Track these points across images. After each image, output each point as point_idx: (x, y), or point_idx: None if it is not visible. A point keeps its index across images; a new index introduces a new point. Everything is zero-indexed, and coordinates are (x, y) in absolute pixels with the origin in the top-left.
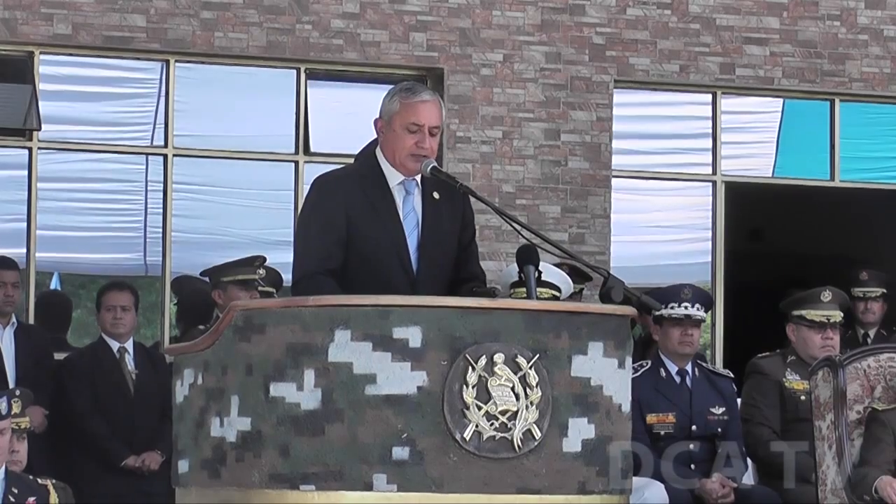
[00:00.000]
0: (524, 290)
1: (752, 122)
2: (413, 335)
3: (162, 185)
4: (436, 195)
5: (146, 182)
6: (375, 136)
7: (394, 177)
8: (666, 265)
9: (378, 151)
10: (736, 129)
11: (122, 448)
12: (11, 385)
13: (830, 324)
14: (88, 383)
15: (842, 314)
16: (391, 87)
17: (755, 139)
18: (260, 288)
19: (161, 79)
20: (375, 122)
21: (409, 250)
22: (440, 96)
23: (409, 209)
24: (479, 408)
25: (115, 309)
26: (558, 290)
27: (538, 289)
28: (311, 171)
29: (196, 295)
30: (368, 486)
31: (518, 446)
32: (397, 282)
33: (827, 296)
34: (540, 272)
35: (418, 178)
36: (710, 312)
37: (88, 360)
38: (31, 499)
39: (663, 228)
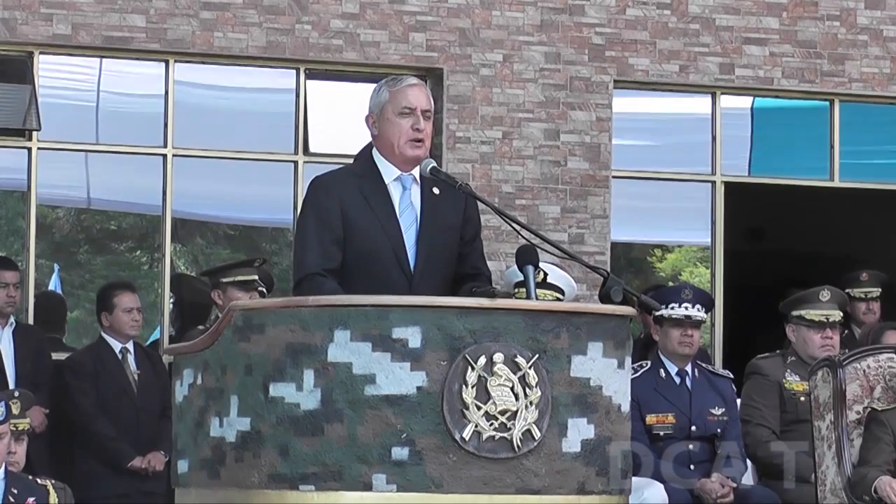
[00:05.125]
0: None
1: (751, 122)
2: (412, 335)
3: (161, 185)
4: (435, 190)
5: (145, 182)
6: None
7: (390, 173)
8: (665, 265)
9: (374, 150)
10: (735, 130)
11: (128, 449)
12: (11, 385)
13: (830, 323)
14: (93, 383)
15: (841, 314)
16: None
17: (754, 139)
18: (258, 288)
19: (161, 79)
20: (366, 118)
21: (407, 246)
22: (440, 96)
23: (407, 204)
24: (479, 408)
25: (133, 311)
26: (562, 292)
27: (541, 290)
28: (311, 172)
29: (194, 295)
30: (368, 487)
31: (517, 446)
32: (394, 278)
33: (826, 295)
34: (546, 274)
35: (416, 172)
36: (709, 313)
37: (91, 360)
38: (31, 499)
39: (663, 228)
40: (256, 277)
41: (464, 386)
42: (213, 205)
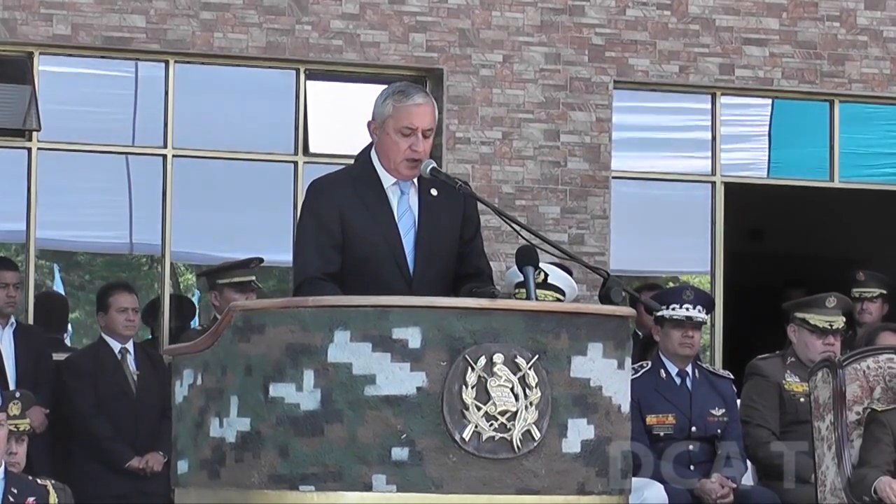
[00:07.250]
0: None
1: (751, 122)
2: (412, 336)
3: (161, 185)
4: (433, 192)
5: (145, 183)
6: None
7: (388, 177)
8: (665, 266)
9: (372, 153)
10: (735, 130)
11: (125, 450)
12: (12, 386)
13: (833, 330)
14: (91, 384)
15: (844, 319)
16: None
17: (754, 140)
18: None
19: (161, 79)
20: (368, 124)
21: (406, 250)
22: (440, 97)
23: (405, 208)
24: (479, 408)
25: (128, 311)
26: (562, 293)
27: (541, 291)
28: (310, 172)
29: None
30: (368, 487)
31: (517, 447)
32: (393, 282)
33: (832, 302)
34: (546, 274)
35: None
36: (710, 314)
37: (90, 360)
38: (31, 499)
39: (663, 229)
40: (253, 278)
41: (464, 386)
42: (212, 205)
